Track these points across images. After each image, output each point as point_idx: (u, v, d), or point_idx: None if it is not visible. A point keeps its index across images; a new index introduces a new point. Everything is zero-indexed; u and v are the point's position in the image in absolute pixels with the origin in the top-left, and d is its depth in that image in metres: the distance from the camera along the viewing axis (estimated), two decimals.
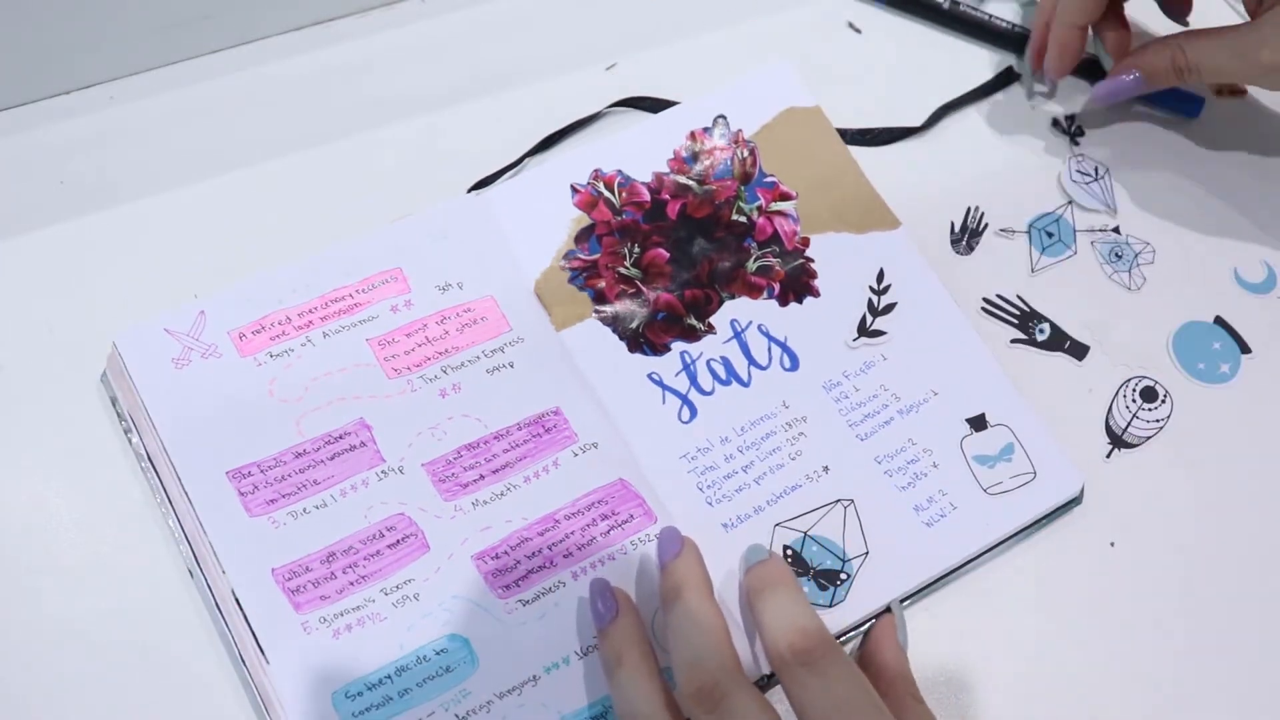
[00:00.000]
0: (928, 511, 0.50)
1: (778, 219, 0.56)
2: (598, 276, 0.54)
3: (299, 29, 0.60)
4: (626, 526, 0.49)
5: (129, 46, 0.57)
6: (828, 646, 0.43)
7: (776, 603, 0.44)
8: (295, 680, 0.45)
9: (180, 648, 0.47)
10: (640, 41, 0.61)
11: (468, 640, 0.46)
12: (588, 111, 0.59)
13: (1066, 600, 0.51)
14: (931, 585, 0.50)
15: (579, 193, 0.55)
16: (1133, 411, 0.55)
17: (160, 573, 0.48)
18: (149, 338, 0.49)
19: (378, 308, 0.51)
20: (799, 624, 0.43)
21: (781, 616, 0.44)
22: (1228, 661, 0.50)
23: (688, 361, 0.53)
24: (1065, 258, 0.58)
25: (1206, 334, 0.57)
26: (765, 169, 0.57)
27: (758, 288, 0.54)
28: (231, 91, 0.58)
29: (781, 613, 0.44)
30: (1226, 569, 0.52)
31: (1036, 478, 0.51)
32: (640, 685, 0.43)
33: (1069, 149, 0.60)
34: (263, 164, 0.57)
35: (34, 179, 0.55)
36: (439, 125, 0.58)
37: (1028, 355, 0.56)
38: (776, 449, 0.51)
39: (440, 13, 0.61)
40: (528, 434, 0.50)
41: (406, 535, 0.48)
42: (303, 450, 0.48)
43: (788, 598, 0.45)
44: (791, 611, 0.44)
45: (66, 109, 0.57)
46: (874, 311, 0.54)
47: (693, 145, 0.57)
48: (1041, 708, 0.49)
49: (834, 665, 0.42)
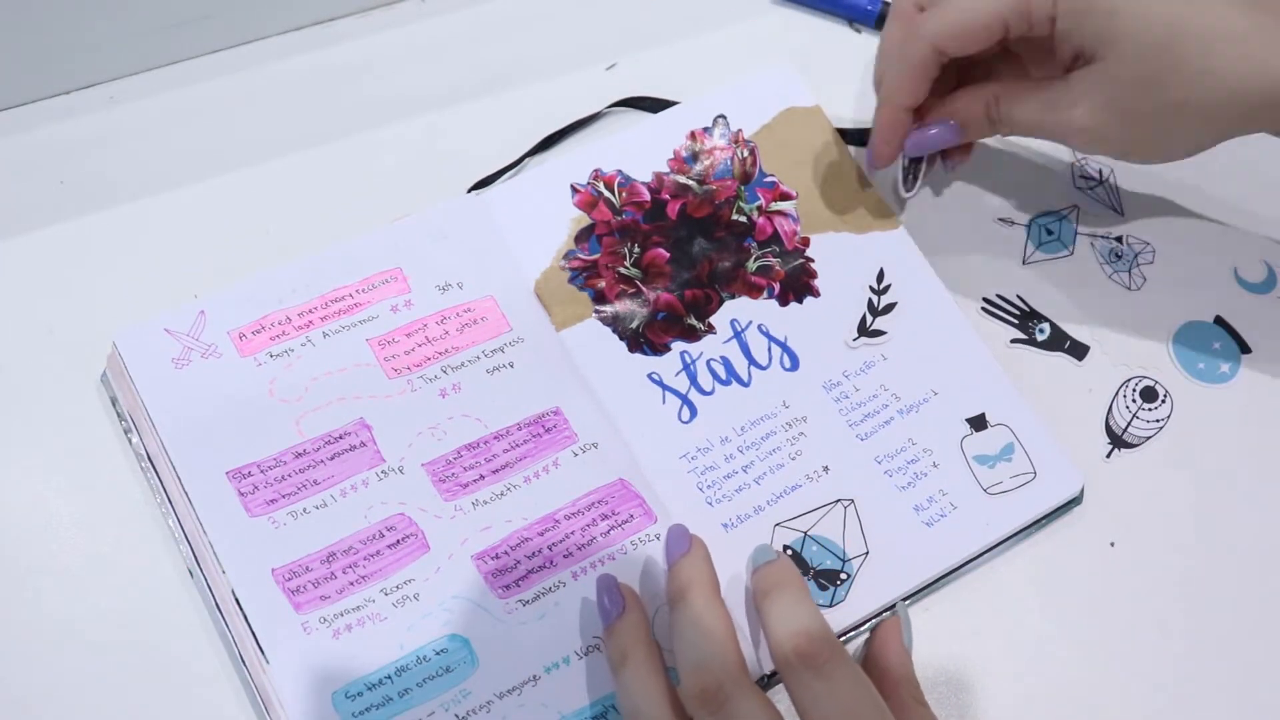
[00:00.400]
0: (928, 511, 0.50)
1: (778, 219, 0.56)
2: (598, 276, 0.54)
3: (299, 29, 0.60)
4: (626, 526, 0.49)
5: (129, 46, 0.57)
6: (833, 650, 0.43)
7: (783, 605, 0.44)
8: (295, 680, 0.45)
9: (180, 648, 0.47)
10: (640, 41, 0.61)
11: (468, 640, 0.46)
12: (588, 111, 0.59)
13: (1066, 600, 0.51)
14: (931, 585, 0.50)
15: (579, 193, 0.55)
16: (1133, 411, 0.55)
17: (160, 573, 0.48)
18: (149, 338, 0.49)
19: (378, 308, 0.51)
20: (805, 627, 0.43)
21: (788, 619, 0.44)
22: (1228, 661, 0.50)
23: (688, 361, 0.53)
24: (1060, 256, 0.58)
25: (1206, 334, 0.57)
26: (765, 169, 0.57)
27: (758, 287, 0.54)
28: (231, 91, 0.58)
29: (788, 615, 0.44)
30: (1226, 569, 0.52)
31: (1036, 478, 0.51)
32: (645, 684, 0.43)
33: (1072, 154, 0.60)
34: (263, 164, 0.57)
35: (34, 179, 0.55)
36: (439, 125, 0.58)
37: (1028, 355, 0.56)
38: (776, 449, 0.51)
39: (440, 13, 0.61)
40: (528, 434, 0.50)
41: (406, 535, 0.48)
42: (303, 450, 0.48)
43: (794, 600, 0.45)
44: (798, 614, 0.44)
45: (66, 109, 0.57)
46: (874, 311, 0.54)
47: (692, 145, 0.57)
48: (1041, 708, 0.49)
49: (839, 669, 0.42)
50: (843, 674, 0.42)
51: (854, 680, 0.42)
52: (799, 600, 0.45)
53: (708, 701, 0.42)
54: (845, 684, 0.42)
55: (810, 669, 0.42)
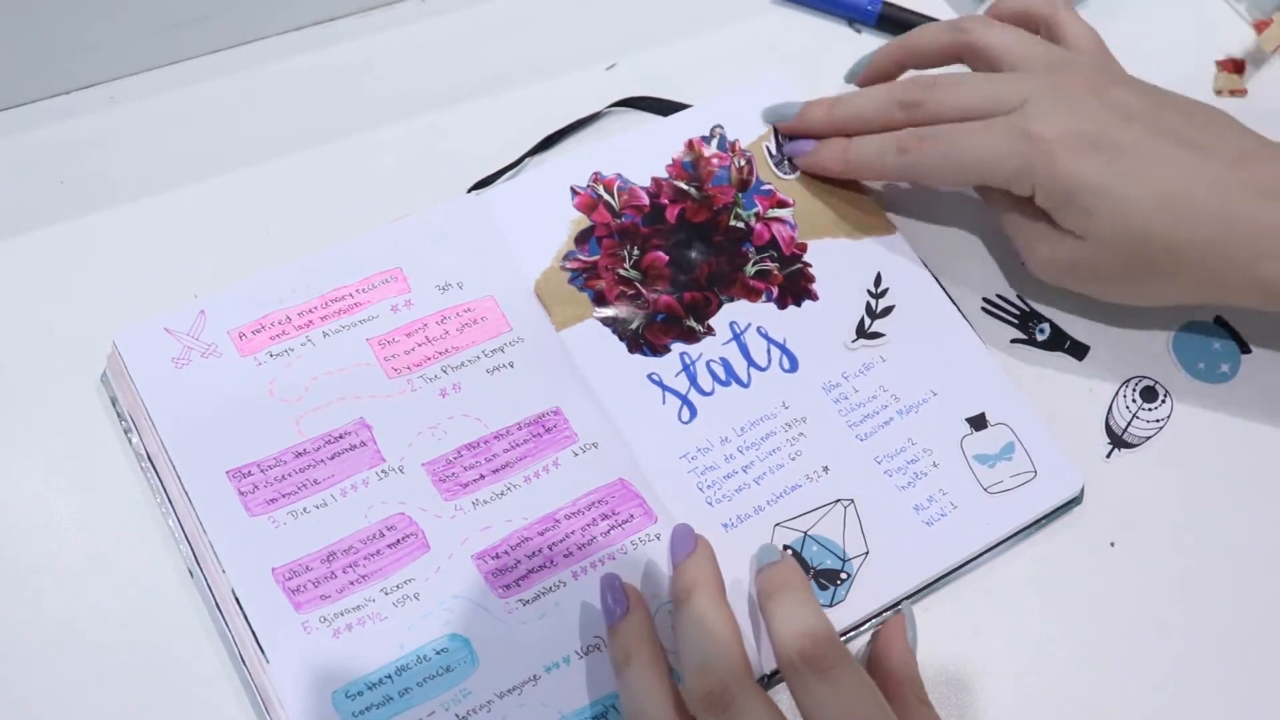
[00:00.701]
0: (928, 511, 0.51)
1: (775, 225, 0.56)
2: (597, 278, 0.54)
3: (299, 29, 0.60)
4: (627, 526, 0.49)
5: (129, 46, 0.57)
6: (837, 653, 0.42)
7: (787, 606, 0.44)
8: (295, 680, 0.45)
9: (180, 648, 0.47)
10: (640, 41, 0.61)
11: (468, 640, 0.46)
12: (588, 111, 0.59)
13: (1066, 600, 0.51)
14: (931, 585, 0.50)
15: (579, 195, 0.55)
16: (1133, 411, 0.55)
17: (160, 573, 0.48)
18: (149, 337, 0.49)
19: (378, 307, 0.51)
20: (809, 629, 0.43)
21: (792, 620, 0.44)
22: (1228, 661, 0.50)
23: (687, 362, 0.53)
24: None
25: (1206, 334, 0.57)
26: (762, 177, 0.57)
27: (756, 291, 0.54)
28: (231, 91, 0.58)
29: (792, 616, 0.44)
30: (1226, 569, 0.52)
31: (1036, 477, 0.51)
32: (649, 684, 0.43)
33: None
34: (263, 164, 0.57)
35: (34, 179, 0.55)
36: (439, 125, 0.58)
37: (1028, 355, 0.56)
38: (776, 449, 0.51)
39: (440, 13, 0.61)
40: (528, 434, 0.50)
41: (407, 535, 0.48)
42: (303, 450, 0.48)
43: (799, 601, 0.44)
44: (802, 615, 0.44)
45: (66, 109, 0.57)
46: (872, 314, 0.54)
47: (690, 153, 0.57)
48: (1041, 708, 0.49)
49: (843, 672, 0.42)
50: (847, 678, 0.42)
51: (858, 684, 0.42)
52: (804, 601, 0.44)
53: (712, 704, 0.42)
54: (850, 688, 0.42)
55: (815, 671, 0.42)
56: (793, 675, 0.42)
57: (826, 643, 0.43)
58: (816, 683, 0.42)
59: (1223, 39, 0.64)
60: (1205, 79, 0.63)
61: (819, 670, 0.42)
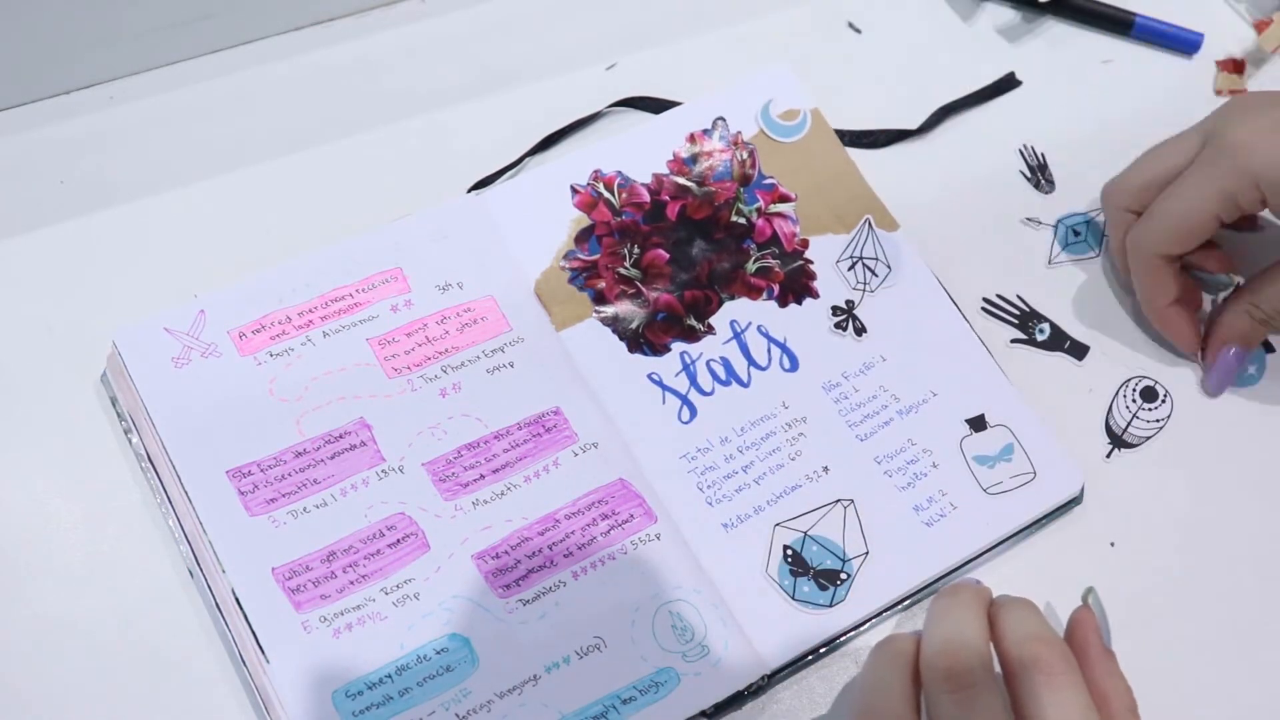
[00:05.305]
0: (928, 511, 0.51)
1: (777, 221, 0.56)
2: (597, 277, 0.54)
3: (299, 29, 0.60)
4: (627, 526, 0.49)
5: (129, 46, 0.57)
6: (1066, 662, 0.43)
7: (1018, 611, 0.45)
8: (295, 680, 0.45)
9: (180, 648, 0.47)
10: (640, 41, 0.61)
11: (468, 640, 0.46)
12: (588, 111, 0.59)
13: (1066, 600, 0.51)
14: (931, 585, 0.50)
15: (579, 193, 0.55)
16: (1133, 411, 0.55)
17: (160, 573, 0.48)
18: (149, 337, 0.49)
19: (378, 307, 0.51)
20: (1039, 632, 0.44)
21: (1023, 622, 0.44)
22: (1228, 661, 0.50)
23: (687, 362, 0.53)
24: (1087, 257, 0.58)
25: None
26: (764, 171, 0.57)
27: (757, 289, 0.54)
28: (231, 91, 0.58)
29: (1024, 619, 0.44)
30: (1226, 569, 0.52)
31: (1036, 477, 0.51)
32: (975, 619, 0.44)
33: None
34: (263, 164, 0.57)
35: (34, 179, 0.55)
36: (439, 125, 0.58)
37: (1028, 355, 0.56)
38: (776, 449, 0.51)
39: (440, 13, 0.61)
40: (528, 434, 0.50)
41: (407, 535, 0.48)
42: (303, 449, 0.48)
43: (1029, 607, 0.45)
44: (1034, 620, 0.44)
45: (66, 109, 0.57)
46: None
47: (692, 147, 0.57)
48: None
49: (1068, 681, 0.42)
50: (1070, 684, 0.42)
51: (1074, 688, 0.42)
52: (1032, 609, 0.45)
53: (954, 679, 0.42)
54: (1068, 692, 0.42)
55: (1043, 674, 0.42)
56: (1022, 676, 0.42)
57: (1058, 651, 0.43)
58: (1042, 688, 0.42)
59: (1223, 39, 0.64)
60: (1205, 79, 0.63)
61: (1047, 674, 0.42)
